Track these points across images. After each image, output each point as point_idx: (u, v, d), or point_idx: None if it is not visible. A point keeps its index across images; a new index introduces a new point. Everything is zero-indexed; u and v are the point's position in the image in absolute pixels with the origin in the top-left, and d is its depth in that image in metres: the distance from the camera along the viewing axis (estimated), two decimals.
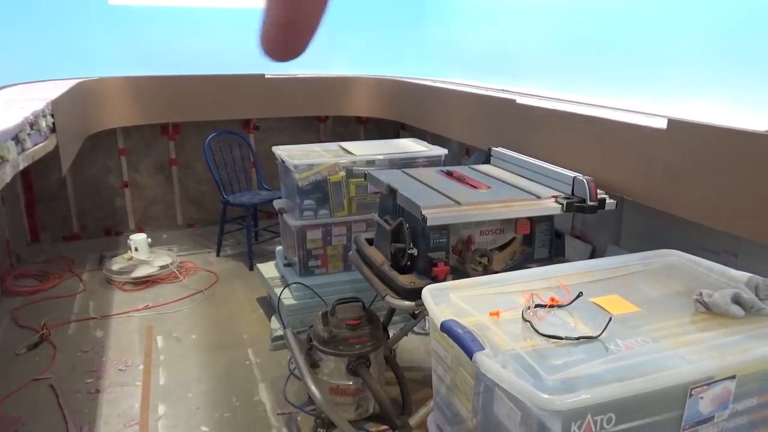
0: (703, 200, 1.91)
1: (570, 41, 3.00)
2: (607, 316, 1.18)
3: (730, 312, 1.19)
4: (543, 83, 3.21)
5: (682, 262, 1.52)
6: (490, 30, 3.66)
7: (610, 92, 2.75)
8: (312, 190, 2.73)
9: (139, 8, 4.02)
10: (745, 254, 1.98)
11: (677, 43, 2.39)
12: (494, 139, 2.88)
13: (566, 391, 0.95)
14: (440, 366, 1.31)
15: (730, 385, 1.06)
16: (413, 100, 3.92)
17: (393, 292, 1.84)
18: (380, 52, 4.57)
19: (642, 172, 2.13)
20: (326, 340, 2.05)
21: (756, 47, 2.10)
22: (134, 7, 4.01)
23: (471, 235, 1.92)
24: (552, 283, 1.39)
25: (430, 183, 2.13)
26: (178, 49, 4.16)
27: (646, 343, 1.10)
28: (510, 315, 1.22)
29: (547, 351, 1.08)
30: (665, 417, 1.03)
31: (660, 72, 2.49)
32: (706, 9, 2.24)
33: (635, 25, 2.58)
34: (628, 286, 1.39)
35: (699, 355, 1.05)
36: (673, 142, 1.99)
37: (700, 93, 2.32)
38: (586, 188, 1.99)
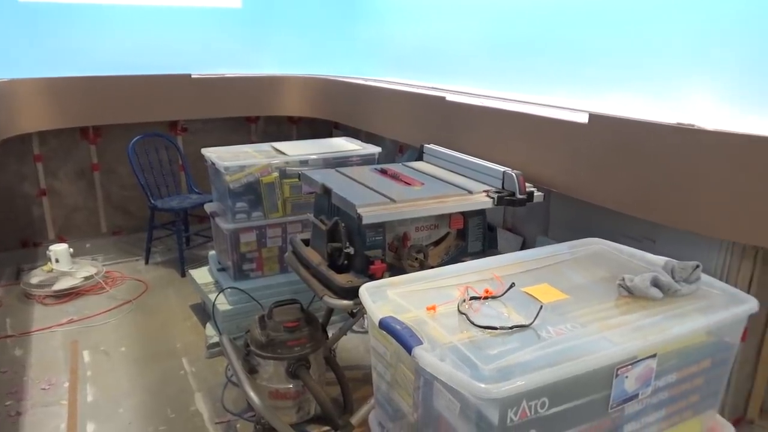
0: (624, 190, 2.02)
1: (497, 39, 3.08)
2: (539, 305, 1.22)
3: (650, 295, 1.26)
4: (472, 81, 3.28)
5: (606, 250, 1.60)
6: (420, 28, 3.70)
7: (536, 89, 2.85)
8: (244, 192, 2.67)
9: (51, 6, 3.79)
10: (663, 240, 2.11)
11: (598, 40, 2.51)
12: (426, 136, 2.92)
13: (502, 379, 0.97)
14: (380, 363, 1.31)
15: (652, 364, 1.13)
16: (346, 98, 3.92)
17: (331, 291, 1.83)
18: (311, 50, 4.53)
19: (567, 165, 2.22)
20: (264, 344, 2.01)
21: (671, 43, 2.23)
22: (46, 4, 3.78)
23: (406, 232, 1.94)
24: (486, 276, 1.42)
25: (365, 181, 2.13)
26: (98, 49, 3.96)
27: (574, 329, 1.14)
28: (446, 309, 1.24)
29: (482, 342, 1.10)
30: (594, 397, 1.08)
31: (582, 69, 2.60)
32: (625, 7, 2.36)
33: (559, 24, 2.68)
34: (557, 274, 1.44)
35: (623, 337, 1.11)
36: (594, 135, 2.09)
37: (620, 88, 2.44)
38: (515, 182, 2.05)
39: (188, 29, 4.19)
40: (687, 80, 2.20)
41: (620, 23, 2.40)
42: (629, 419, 1.16)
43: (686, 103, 2.19)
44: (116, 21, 3.98)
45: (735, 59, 2.05)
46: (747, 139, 1.70)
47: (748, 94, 2.04)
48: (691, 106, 2.16)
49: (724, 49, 2.07)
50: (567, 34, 2.65)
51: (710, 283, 1.34)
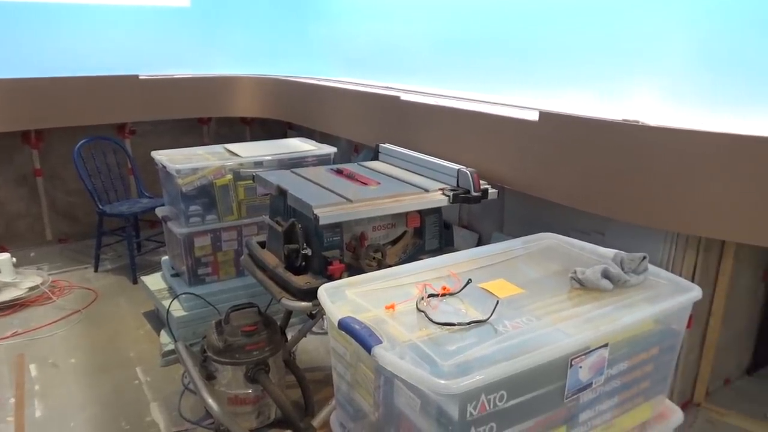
0: (573, 185, 2.08)
1: (450, 38, 3.12)
2: (495, 300, 1.25)
3: (601, 286, 1.30)
4: (426, 80, 3.31)
5: (558, 244, 1.64)
6: (373, 27, 3.71)
7: (488, 87, 2.90)
8: (197, 195, 2.62)
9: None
10: (612, 232, 2.18)
11: (548, 39, 2.57)
12: (382, 135, 2.92)
13: (461, 374, 0.98)
14: (340, 364, 1.31)
15: (604, 353, 1.16)
16: (300, 99, 3.88)
17: (289, 294, 1.82)
18: (263, 50, 4.47)
19: (519, 161, 2.26)
20: (221, 349, 1.98)
21: (617, 43, 2.31)
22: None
23: (364, 232, 1.94)
24: (443, 273, 1.44)
25: (321, 182, 2.12)
26: (40, 49, 3.79)
27: (530, 322, 1.17)
28: (405, 307, 1.25)
29: (441, 338, 1.11)
30: (550, 388, 1.11)
31: (533, 67, 2.66)
32: (574, 8, 2.42)
33: (511, 23, 2.73)
34: (512, 269, 1.47)
35: (576, 328, 1.14)
36: (544, 133, 2.14)
37: (569, 87, 2.51)
38: (470, 180, 2.08)
39: (135, 29, 4.07)
40: (631, 79, 2.28)
41: (569, 23, 2.46)
42: (584, 408, 1.19)
43: (631, 100, 2.27)
44: (60, 20, 3.82)
45: (676, 59, 2.14)
46: (688, 134, 1.78)
47: (688, 91, 2.13)
48: (636, 104, 2.24)
49: (666, 49, 2.15)
50: (518, 33, 2.71)
51: (657, 273, 1.40)
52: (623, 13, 2.25)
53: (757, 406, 2.31)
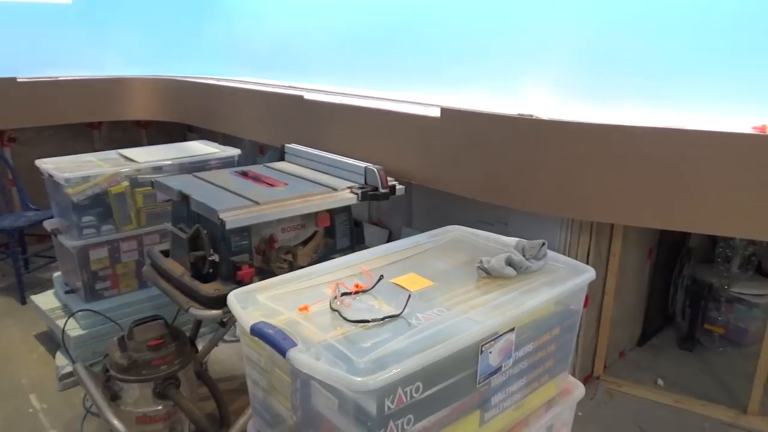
0: (476, 178, 2.16)
1: (351, 37, 3.13)
2: (407, 294, 1.27)
3: (505, 274, 1.36)
4: (329, 79, 3.30)
5: (464, 235, 1.69)
6: (274, 26, 3.64)
7: (391, 85, 2.94)
8: (91, 205, 2.45)
9: None
10: (514, 222, 2.29)
11: (448, 38, 2.64)
12: (287, 135, 2.88)
13: (377, 370, 0.99)
14: (254, 370, 1.28)
15: (512, 337, 1.22)
16: (199, 100, 3.74)
17: (197, 303, 1.75)
18: (157, 50, 4.26)
19: (423, 157, 2.32)
20: (126, 367, 1.86)
21: (512, 42, 2.42)
22: None
23: (273, 234, 1.90)
24: (355, 271, 1.44)
25: (225, 185, 2.05)
26: None
27: (441, 313, 1.20)
28: (319, 307, 1.24)
29: (356, 336, 1.11)
30: (464, 375, 1.15)
31: (434, 65, 2.73)
32: (471, 7, 2.51)
33: (411, 22, 2.78)
34: (422, 263, 1.50)
35: (485, 316, 1.19)
36: (446, 129, 2.20)
37: (469, 84, 2.60)
38: (377, 177, 2.10)
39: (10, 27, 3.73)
40: (525, 75, 2.41)
41: (466, 22, 2.55)
42: (495, 391, 1.24)
43: (525, 95, 2.39)
44: None
45: (562, 57, 2.28)
46: (578, 127, 1.90)
47: (573, 87, 2.28)
48: (530, 99, 2.37)
49: (553, 49, 2.29)
50: (418, 32, 2.77)
51: (555, 258, 1.48)
52: (516, 13, 2.36)
53: (648, 374, 2.52)
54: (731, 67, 1.90)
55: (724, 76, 1.92)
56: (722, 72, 1.92)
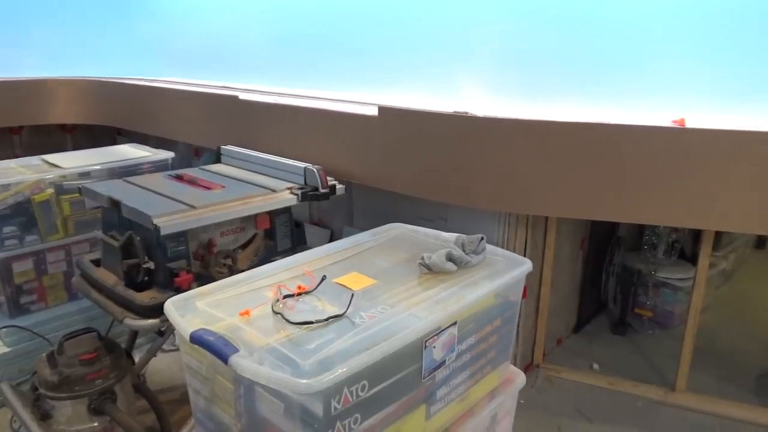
0: (415, 176, 2.18)
1: (287, 36, 3.09)
2: (350, 293, 1.27)
3: (446, 269, 1.38)
4: (264, 78, 3.25)
5: (405, 233, 1.71)
6: (205, 25, 3.55)
7: (328, 85, 2.93)
8: (12, 214, 2.31)
9: None
10: (453, 217, 2.33)
11: (383, 36, 2.66)
12: (223, 137, 2.82)
13: (323, 371, 0.99)
14: (195, 379, 1.24)
15: (454, 331, 1.24)
16: (128, 102, 3.59)
17: (132, 312, 1.68)
18: (80, 50, 4.06)
19: (362, 156, 2.32)
20: (57, 384, 1.77)
21: (444, 39, 2.45)
22: None
23: (211, 238, 1.86)
24: (297, 272, 1.43)
25: (159, 189, 1.98)
26: None
27: (385, 310, 1.21)
28: (261, 311, 1.22)
29: (300, 338, 1.10)
30: (408, 371, 1.16)
31: (371, 64, 2.74)
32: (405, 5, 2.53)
33: (346, 21, 2.78)
34: (364, 261, 1.50)
35: (427, 311, 1.20)
36: (384, 127, 2.22)
37: (406, 84, 2.62)
38: (317, 177, 2.08)
39: None
40: (459, 73, 2.45)
41: (402, 21, 2.57)
42: (440, 385, 1.26)
43: (461, 93, 2.44)
44: None
45: (493, 55, 2.34)
46: (511, 123, 1.95)
47: (508, 85, 2.34)
48: (465, 96, 2.42)
49: (485, 46, 2.34)
50: (354, 31, 2.77)
51: (494, 251, 1.52)
52: (448, 12, 2.40)
53: (584, 359, 2.63)
54: (652, 63, 2.01)
55: (646, 71, 2.02)
56: (644, 68, 2.02)
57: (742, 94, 1.91)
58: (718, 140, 1.76)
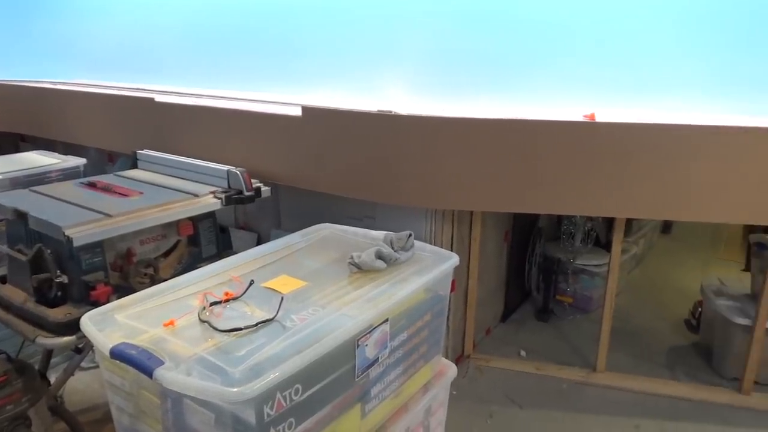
0: (342, 175, 2.18)
1: (204, 36, 3.00)
2: (280, 297, 1.25)
3: (376, 267, 1.39)
4: (182, 80, 3.14)
5: (334, 233, 1.70)
6: (116, 24, 3.37)
7: (250, 86, 2.87)
8: None
9: None
10: (381, 215, 2.34)
11: (304, 36, 2.63)
12: (139, 141, 2.69)
13: (254, 377, 0.96)
14: (117, 396, 1.18)
15: (386, 328, 1.25)
16: (31, 106, 3.36)
17: (45, 330, 1.57)
18: None
19: (287, 157, 2.29)
20: None
21: (368, 41, 2.46)
22: None
23: (130, 248, 1.77)
24: (224, 278, 1.39)
25: (71, 198, 1.87)
26: None
27: (316, 312, 1.20)
28: (186, 320, 1.18)
29: (229, 345, 1.07)
30: (342, 371, 1.15)
31: (293, 64, 2.70)
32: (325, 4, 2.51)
33: (266, 20, 2.72)
34: (293, 263, 1.48)
35: (359, 310, 1.20)
36: (309, 127, 2.20)
37: (329, 82, 2.61)
38: (241, 180, 2.04)
39: None
40: (383, 72, 2.47)
41: (325, 20, 2.55)
42: (374, 382, 1.27)
43: (385, 92, 2.46)
44: None
45: (416, 54, 2.37)
46: (434, 121, 1.99)
47: (427, 83, 2.38)
48: (389, 95, 2.44)
49: (408, 46, 2.37)
50: (276, 29, 2.72)
51: (422, 248, 1.54)
52: (370, 11, 2.42)
53: (512, 347, 2.73)
54: (564, 61, 2.11)
55: (559, 69, 2.12)
56: (557, 65, 2.12)
57: (646, 89, 2.04)
58: (626, 133, 1.88)
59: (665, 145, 1.86)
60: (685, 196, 1.90)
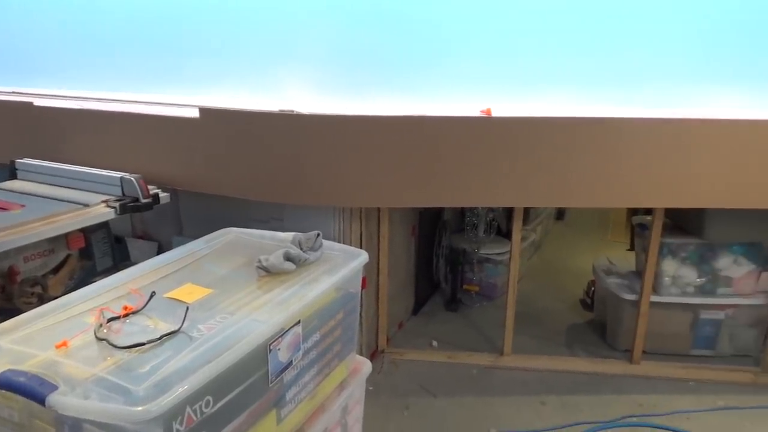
0: (245, 177, 2.13)
1: (89, 35, 2.80)
2: (185, 307, 1.20)
3: (285, 269, 1.37)
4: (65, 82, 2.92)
5: (239, 237, 1.66)
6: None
7: (142, 88, 2.72)
8: None
9: None
10: (289, 217, 2.31)
11: (199, 36, 2.52)
12: (17, 150, 2.47)
13: (161, 393, 0.92)
14: (6, 428, 1.08)
15: (298, 330, 1.24)
16: None
17: None
18: None
19: (186, 161, 2.20)
20: None
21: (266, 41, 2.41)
22: None
23: (13, 266, 1.63)
24: (122, 291, 1.31)
25: None
26: None
27: (224, 319, 1.16)
28: (81, 340, 1.10)
29: (131, 362, 1.02)
30: (255, 378, 1.13)
31: (188, 65, 2.59)
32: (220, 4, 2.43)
33: (160, 17, 2.59)
34: (198, 271, 1.43)
35: (269, 314, 1.18)
36: (207, 129, 2.12)
37: (228, 82, 2.53)
38: (136, 186, 1.93)
39: None
40: (284, 72, 2.43)
41: (220, 19, 2.47)
42: (289, 386, 1.25)
43: (286, 92, 2.42)
44: None
45: (316, 53, 2.36)
46: (337, 120, 1.99)
47: (328, 82, 2.38)
48: (291, 95, 2.41)
49: (308, 45, 2.35)
50: (168, 28, 2.60)
51: (331, 246, 1.54)
52: (267, 10, 2.37)
53: (424, 338, 2.80)
54: (461, 58, 2.18)
55: (456, 66, 2.20)
56: (454, 63, 2.20)
57: (538, 84, 2.16)
58: (520, 127, 1.98)
59: (556, 137, 1.98)
60: (576, 184, 2.04)
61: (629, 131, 1.97)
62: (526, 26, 2.11)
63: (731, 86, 2.09)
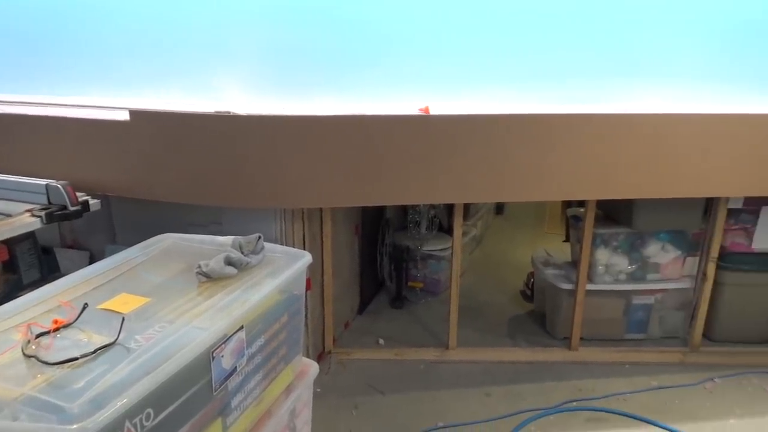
0: (181, 181, 2.06)
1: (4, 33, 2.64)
2: (120, 317, 1.15)
3: (226, 273, 1.34)
4: None
5: (177, 242, 1.61)
6: None
7: (64, 90, 2.58)
8: None
9: None
10: (228, 220, 2.26)
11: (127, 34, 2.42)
12: None
13: (97, 409, 0.88)
14: None
15: (242, 335, 1.21)
16: None
17: None
18: None
19: (117, 165, 2.12)
20: None
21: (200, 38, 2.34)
22: None
23: None
24: (52, 305, 1.24)
25: None
26: None
27: (163, 329, 1.12)
28: (8, 358, 1.03)
29: (64, 379, 0.97)
30: (198, 387, 1.10)
31: (115, 66, 2.48)
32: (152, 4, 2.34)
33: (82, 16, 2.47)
34: (133, 280, 1.38)
35: (211, 321, 1.15)
36: (139, 132, 2.05)
37: (160, 85, 2.44)
38: (64, 194, 1.84)
39: None
40: (219, 72, 2.37)
41: (149, 19, 2.38)
42: (234, 393, 1.22)
43: (222, 93, 2.37)
44: None
45: (250, 53, 2.32)
46: (274, 120, 1.96)
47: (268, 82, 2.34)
48: (227, 96, 2.35)
49: (241, 44, 2.31)
50: (89, 29, 2.48)
51: (273, 249, 1.52)
52: (199, 7, 2.30)
53: (371, 337, 2.81)
54: (398, 57, 2.20)
55: (394, 65, 2.21)
56: (392, 61, 2.21)
57: (473, 82, 2.21)
58: (457, 124, 2.02)
59: (492, 133, 2.03)
60: (513, 179, 2.10)
61: (560, 126, 2.05)
62: (463, 26, 2.15)
63: (653, 82, 2.21)
